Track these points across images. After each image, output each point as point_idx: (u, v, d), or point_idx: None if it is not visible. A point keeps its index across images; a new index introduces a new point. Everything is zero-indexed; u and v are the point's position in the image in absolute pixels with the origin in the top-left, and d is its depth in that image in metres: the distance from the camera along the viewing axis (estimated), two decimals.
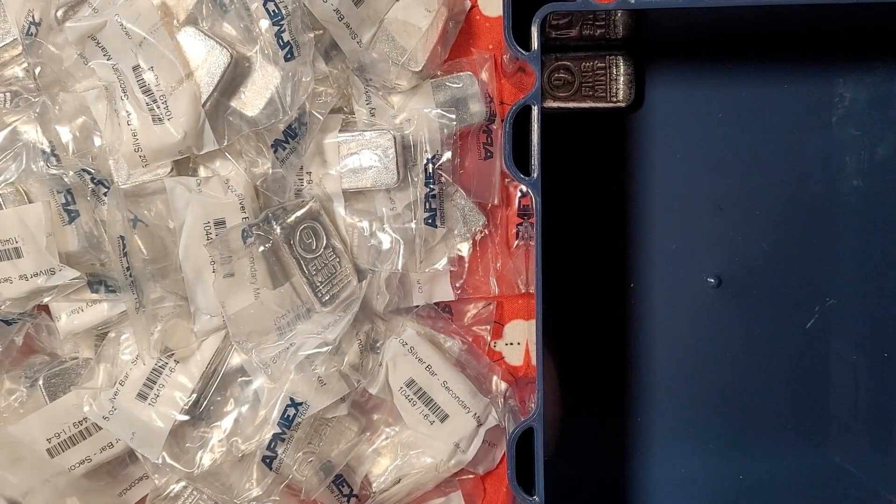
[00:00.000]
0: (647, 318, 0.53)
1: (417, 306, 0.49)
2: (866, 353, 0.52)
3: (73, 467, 0.45)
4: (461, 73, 0.48)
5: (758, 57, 0.52)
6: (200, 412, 0.47)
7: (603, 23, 0.50)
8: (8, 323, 0.46)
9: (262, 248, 0.45)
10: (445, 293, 0.49)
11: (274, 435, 0.46)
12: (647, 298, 0.52)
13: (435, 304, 0.50)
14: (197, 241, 0.45)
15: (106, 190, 0.45)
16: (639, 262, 0.52)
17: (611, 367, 0.53)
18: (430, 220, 0.47)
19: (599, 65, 0.50)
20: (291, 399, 0.46)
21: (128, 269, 0.44)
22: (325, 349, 0.45)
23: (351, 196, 0.47)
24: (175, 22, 0.44)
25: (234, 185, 0.45)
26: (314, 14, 0.44)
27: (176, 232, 0.45)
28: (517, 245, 0.50)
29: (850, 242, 0.52)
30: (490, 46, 0.49)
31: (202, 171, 0.46)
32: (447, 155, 0.47)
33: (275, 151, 0.45)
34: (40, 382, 0.46)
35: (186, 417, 0.46)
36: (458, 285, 0.49)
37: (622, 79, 0.50)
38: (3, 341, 0.47)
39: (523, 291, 0.50)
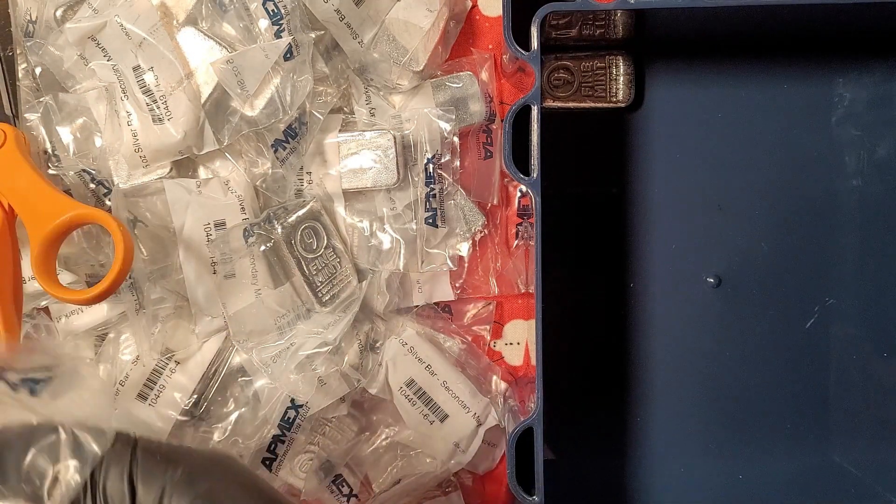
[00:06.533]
0: (647, 318, 0.53)
1: (417, 306, 0.50)
2: (866, 353, 0.52)
3: None
4: (461, 73, 0.48)
5: (758, 57, 0.52)
6: (201, 413, 0.47)
7: (603, 23, 0.50)
8: None
9: (263, 248, 0.45)
10: (445, 293, 0.49)
11: (274, 436, 0.46)
12: (647, 298, 0.52)
13: (435, 304, 0.50)
14: (197, 242, 0.45)
15: (106, 190, 0.45)
16: (639, 262, 0.52)
17: (610, 367, 0.53)
18: (430, 220, 0.47)
19: (599, 65, 0.50)
20: (292, 401, 0.46)
21: None
22: (325, 349, 0.45)
23: (351, 196, 0.47)
24: (175, 22, 0.44)
25: (234, 187, 0.45)
26: (315, 14, 0.44)
27: (176, 233, 0.45)
28: (517, 245, 0.50)
29: (849, 242, 0.52)
30: (490, 46, 0.49)
31: (202, 172, 0.46)
32: (447, 155, 0.47)
33: (275, 151, 0.45)
34: None
35: (186, 418, 0.46)
36: (457, 285, 0.49)
37: (622, 79, 0.50)
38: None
39: (523, 291, 0.50)
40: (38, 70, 0.45)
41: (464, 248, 0.49)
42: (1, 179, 0.41)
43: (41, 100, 0.45)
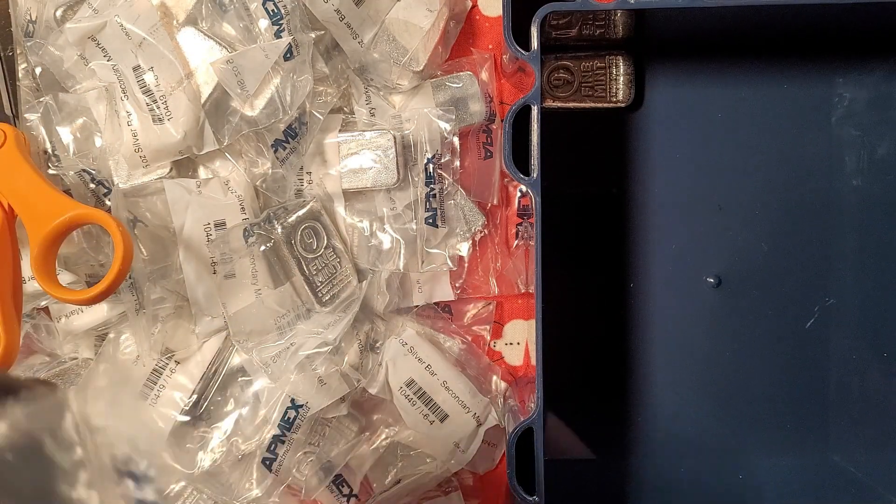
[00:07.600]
0: (647, 318, 0.53)
1: (417, 306, 0.49)
2: (866, 353, 0.52)
3: None
4: (461, 73, 0.48)
5: (758, 57, 0.52)
6: (201, 413, 0.47)
7: (603, 23, 0.50)
8: None
9: (263, 248, 0.45)
10: (445, 293, 0.49)
11: (274, 436, 0.46)
12: (647, 298, 0.52)
13: (435, 304, 0.50)
14: (197, 242, 0.45)
15: (106, 190, 0.45)
16: (639, 262, 0.52)
17: (611, 367, 0.53)
18: (430, 220, 0.47)
19: (599, 65, 0.50)
20: (292, 401, 0.46)
21: None
22: (325, 349, 0.45)
23: (351, 196, 0.47)
24: (175, 22, 0.44)
25: (234, 187, 0.45)
26: (315, 14, 0.44)
27: (176, 233, 0.45)
28: (517, 245, 0.50)
29: (849, 242, 0.52)
30: (490, 46, 0.49)
31: (202, 172, 0.46)
32: (447, 155, 0.47)
33: (275, 151, 0.45)
34: None
35: (187, 418, 0.46)
36: (457, 285, 0.49)
37: (622, 79, 0.50)
38: None
39: (523, 291, 0.50)
40: (38, 70, 0.45)
41: (464, 248, 0.49)
42: (1, 179, 0.41)
43: (41, 100, 0.45)
